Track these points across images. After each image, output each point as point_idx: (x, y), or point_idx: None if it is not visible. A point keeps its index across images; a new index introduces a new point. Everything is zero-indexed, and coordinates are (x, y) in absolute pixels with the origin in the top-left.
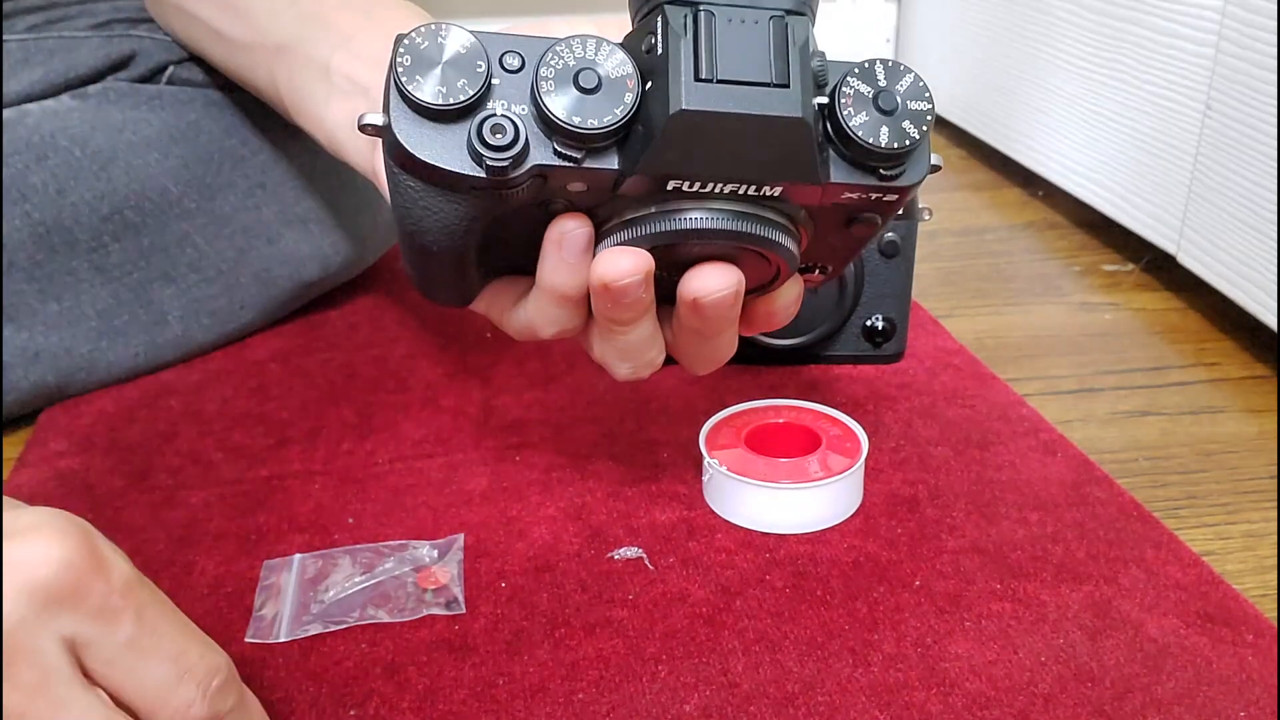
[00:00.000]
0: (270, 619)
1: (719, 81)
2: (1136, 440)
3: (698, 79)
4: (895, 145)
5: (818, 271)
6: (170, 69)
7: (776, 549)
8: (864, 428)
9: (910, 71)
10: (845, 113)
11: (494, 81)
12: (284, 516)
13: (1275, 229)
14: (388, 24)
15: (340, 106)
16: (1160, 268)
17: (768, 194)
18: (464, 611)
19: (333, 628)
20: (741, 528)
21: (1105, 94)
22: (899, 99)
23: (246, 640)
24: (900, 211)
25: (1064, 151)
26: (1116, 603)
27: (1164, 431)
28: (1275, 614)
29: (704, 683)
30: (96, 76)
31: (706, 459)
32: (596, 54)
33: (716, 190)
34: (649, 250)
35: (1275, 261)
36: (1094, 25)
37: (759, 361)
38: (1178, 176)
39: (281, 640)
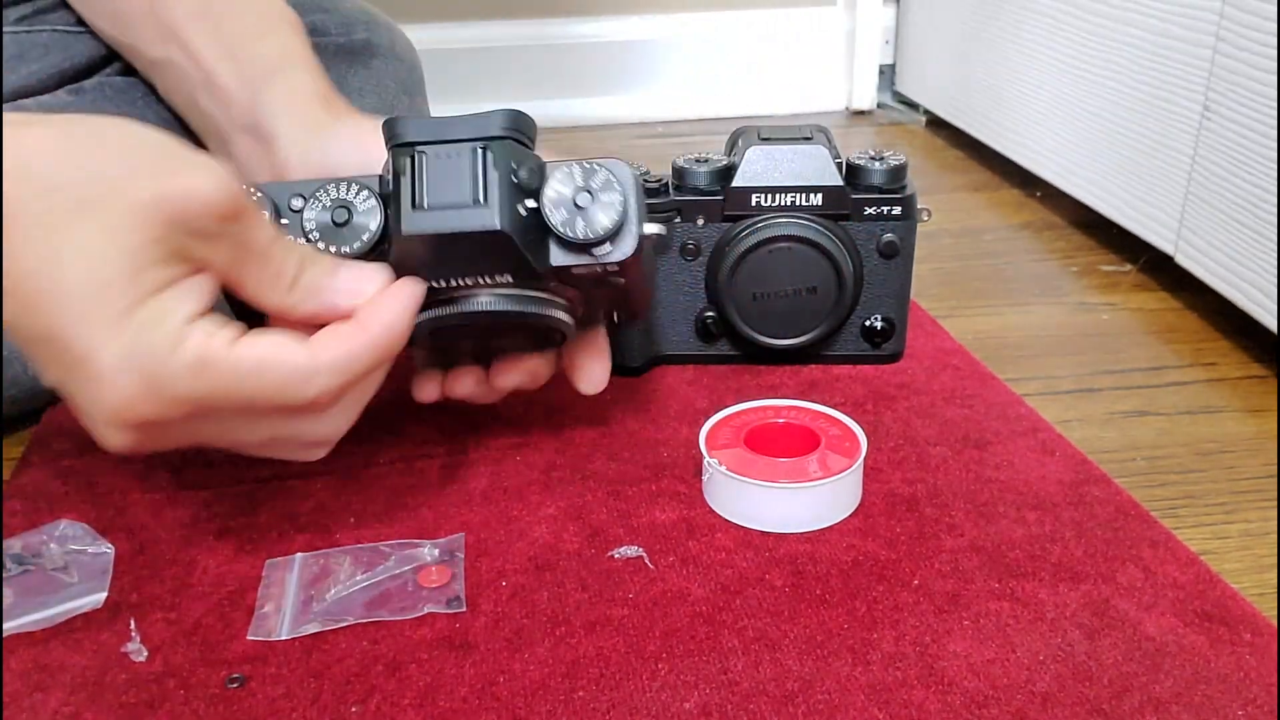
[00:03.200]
0: (272, 617)
1: (430, 208)
2: (1134, 440)
3: (414, 207)
4: (590, 235)
5: (617, 317)
6: None
7: (776, 548)
8: (863, 427)
9: (603, 168)
10: (547, 213)
11: (283, 221)
12: (285, 516)
13: (1273, 230)
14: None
15: None
16: (1158, 268)
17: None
18: (465, 610)
19: (334, 626)
20: (741, 527)
21: (1103, 95)
22: (592, 194)
23: (248, 638)
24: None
25: (1062, 152)
26: (1114, 602)
27: (1162, 431)
28: (1273, 613)
29: (704, 681)
30: (92, 70)
31: (706, 459)
32: (351, 194)
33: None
34: (454, 325)
35: (1273, 262)
36: (1092, 27)
37: (759, 361)
38: (1175, 177)
39: (283, 638)
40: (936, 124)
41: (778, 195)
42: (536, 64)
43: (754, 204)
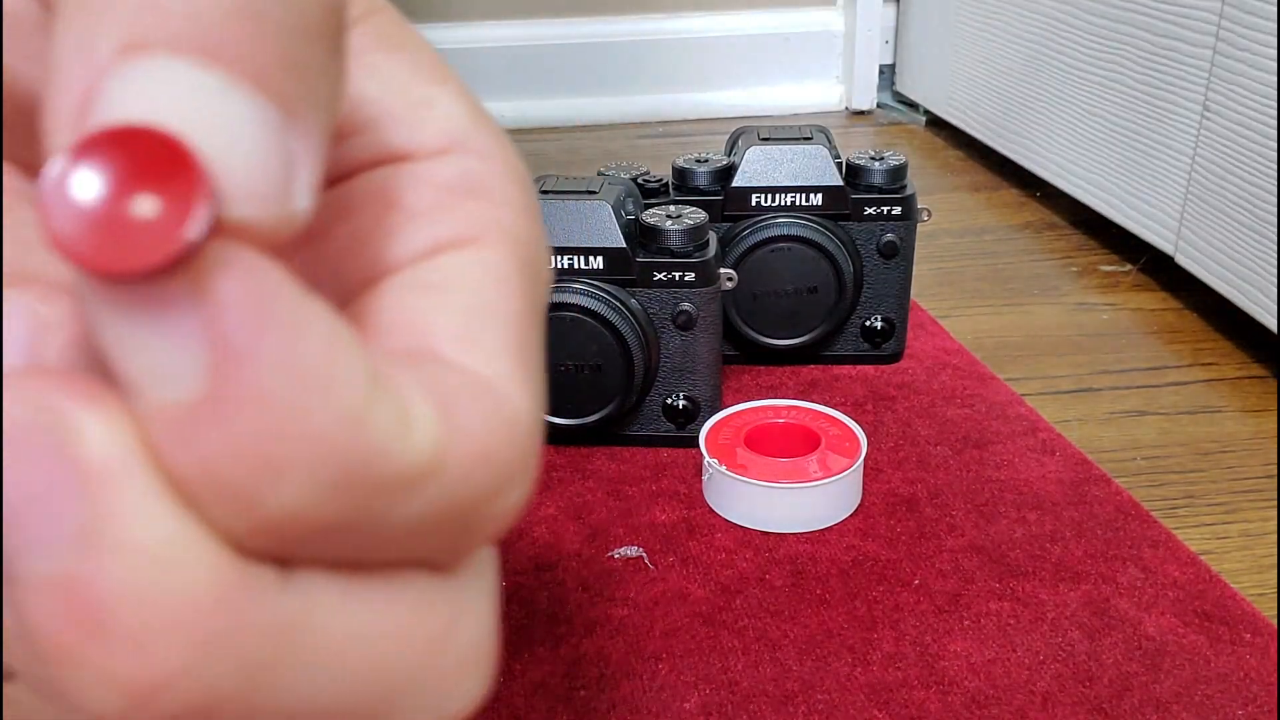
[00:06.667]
0: None
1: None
2: (1134, 440)
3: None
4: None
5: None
6: None
7: (776, 548)
8: (863, 427)
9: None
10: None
11: None
12: None
13: (1273, 230)
14: None
15: None
16: (1158, 268)
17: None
18: None
19: None
20: (741, 527)
21: (1103, 95)
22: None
23: None
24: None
25: (1062, 152)
26: (1114, 601)
27: (1162, 431)
28: (1273, 613)
29: (704, 681)
30: None
31: (706, 459)
32: None
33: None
34: None
35: (1273, 262)
36: (1092, 26)
37: (759, 361)
38: (1175, 177)
39: None
40: (936, 124)
41: (777, 195)
42: (535, 64)
43: (754, 204)
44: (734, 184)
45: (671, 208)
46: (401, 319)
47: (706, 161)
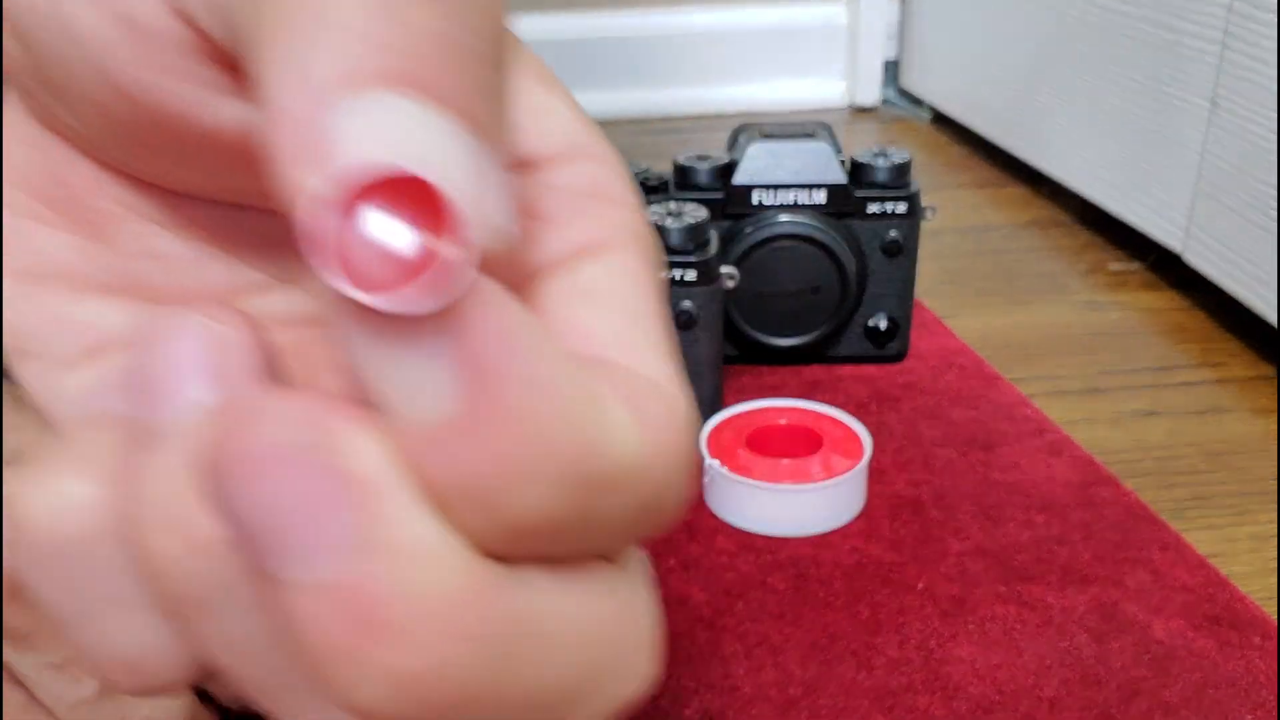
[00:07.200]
0: None
1: None
2: (1143, 441)
3: None
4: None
5: None
6: None
7: (778, 551)
8: (867, 428)
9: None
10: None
11: None
12: None
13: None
14: None
15: None
16: (1166, 266)
17: None
18: None
19: None
20: (742, 530)
21: (1110, 90)
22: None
23: None
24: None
25: (1068, 148)
26: (1123, 605)
27: (1170, 432)
28: None
29: (705, 686)
30: None
31: (707, 460)
32: None
33: None
34: None
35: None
36: (1099, 22)
37: (761, 361)
38: (1184, 174)
39: None
40: (941, 120)
41: (780, 193)
42: None
43: (756, 202)
44: (735, 181)
45: (672, 205)
46: (563, 328)
47: (707, 158)
